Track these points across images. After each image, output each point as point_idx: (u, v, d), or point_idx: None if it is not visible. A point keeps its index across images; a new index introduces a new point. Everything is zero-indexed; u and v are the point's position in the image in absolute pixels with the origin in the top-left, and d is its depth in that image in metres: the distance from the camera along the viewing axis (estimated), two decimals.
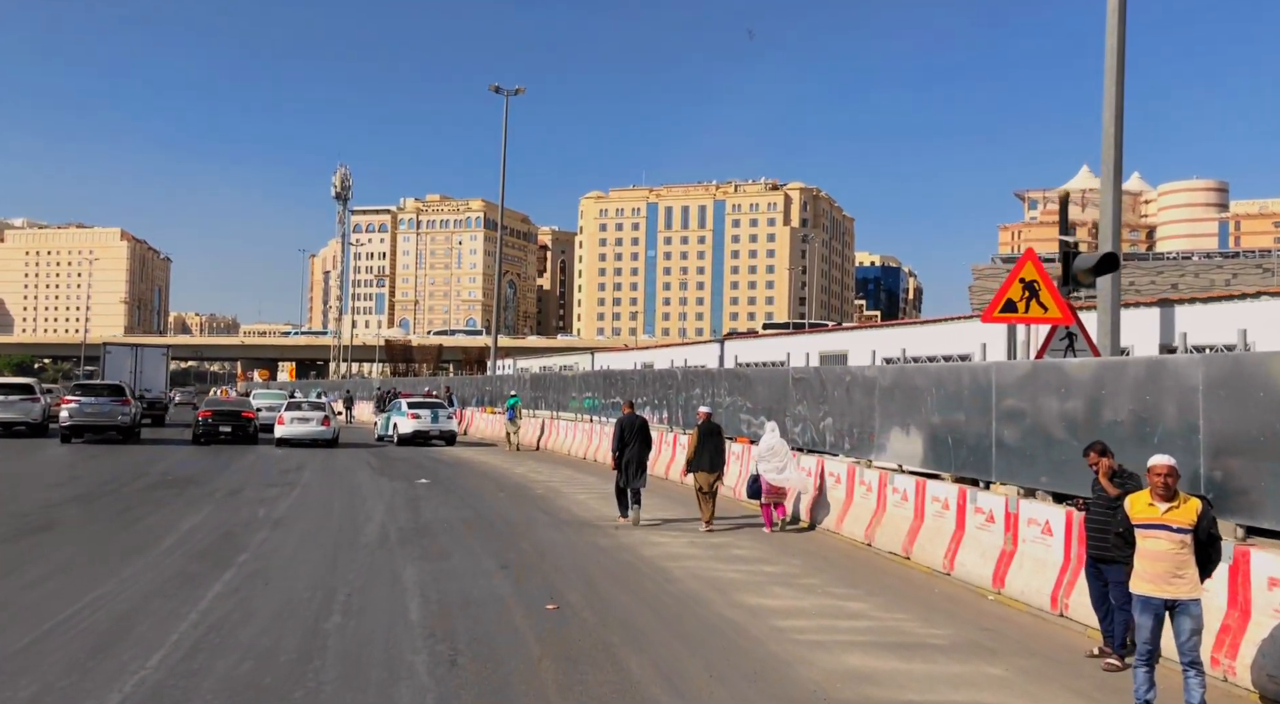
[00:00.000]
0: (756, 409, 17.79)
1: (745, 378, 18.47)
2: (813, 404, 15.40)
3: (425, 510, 15.88)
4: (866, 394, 13.56)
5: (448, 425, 33.16)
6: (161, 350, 44.31)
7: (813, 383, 15.39)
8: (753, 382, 17.99)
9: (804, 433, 15.79)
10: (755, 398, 17.88)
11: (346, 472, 22.42)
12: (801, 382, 15.79)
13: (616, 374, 26.90)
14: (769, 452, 14.72)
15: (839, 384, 14.48)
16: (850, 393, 14.11)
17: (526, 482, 20.75)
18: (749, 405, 18.16)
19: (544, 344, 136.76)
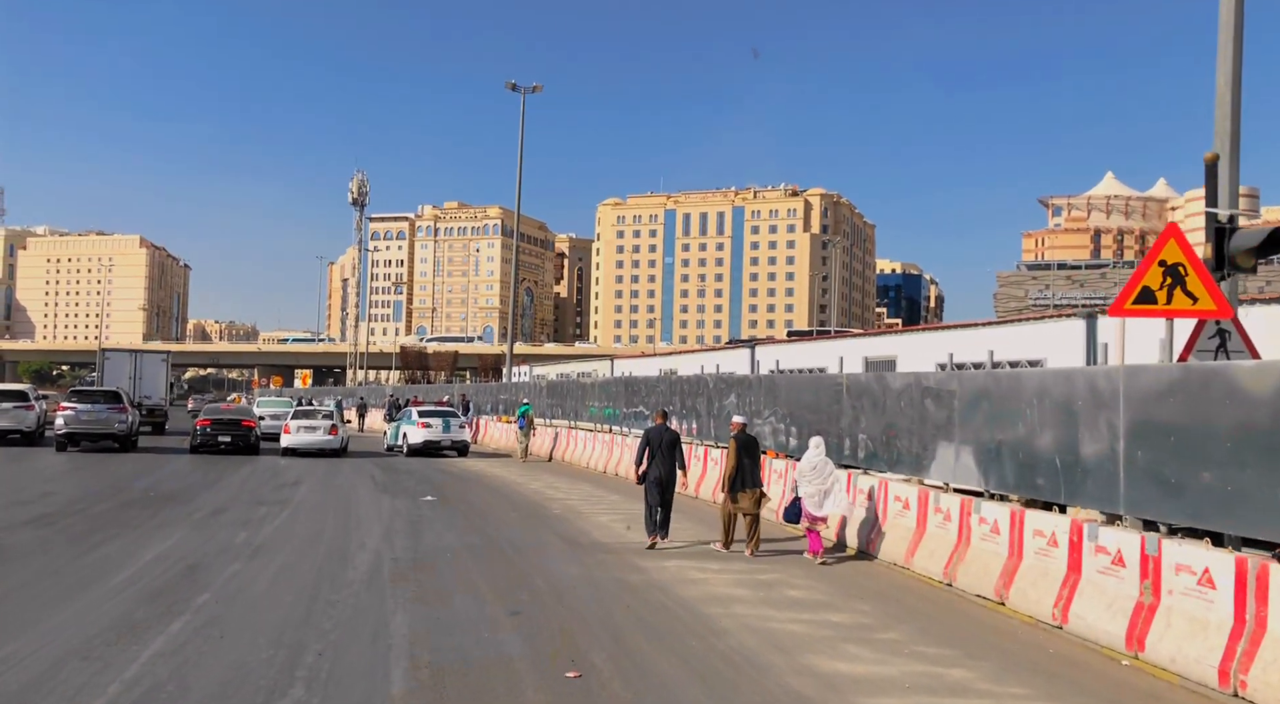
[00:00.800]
0: (798, 421, 15.81)
1: (787, 386, 16.50)
2: (870, 416, 13.42)
3: (427, 535, 13.97)
4: (941, 405, 11.58)
5: (460, 435, 31.31)
6: (161, 356, 42.78)
7: (871, 391, 13.40)
8: (796, 389, 16.00)
9: (858, 448, 13.80)
10: (799, 408, 15.90)
11: (347, 487, 20.56)
12: (857, 389, 13.80)
13: (639, 381, 24.95)
14: (812, 471, 12.86)
15: (904, 393, 12.49)
16: (919, 403, 12.13)
17: (542, 499, 18.82)
18: (789, 416, 16.17)
19: (561, 351, 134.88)
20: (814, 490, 12.84)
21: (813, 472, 12.94)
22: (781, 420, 16.33)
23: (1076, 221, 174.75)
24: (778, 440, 16.64)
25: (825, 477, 12.93)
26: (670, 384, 21.89)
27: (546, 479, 23.24)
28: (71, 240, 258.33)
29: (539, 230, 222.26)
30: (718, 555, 12.90)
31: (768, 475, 16.18)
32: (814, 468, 12.97)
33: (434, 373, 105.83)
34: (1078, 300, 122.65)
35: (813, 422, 15.23)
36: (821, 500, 12.83)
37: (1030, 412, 9.66)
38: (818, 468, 12.95)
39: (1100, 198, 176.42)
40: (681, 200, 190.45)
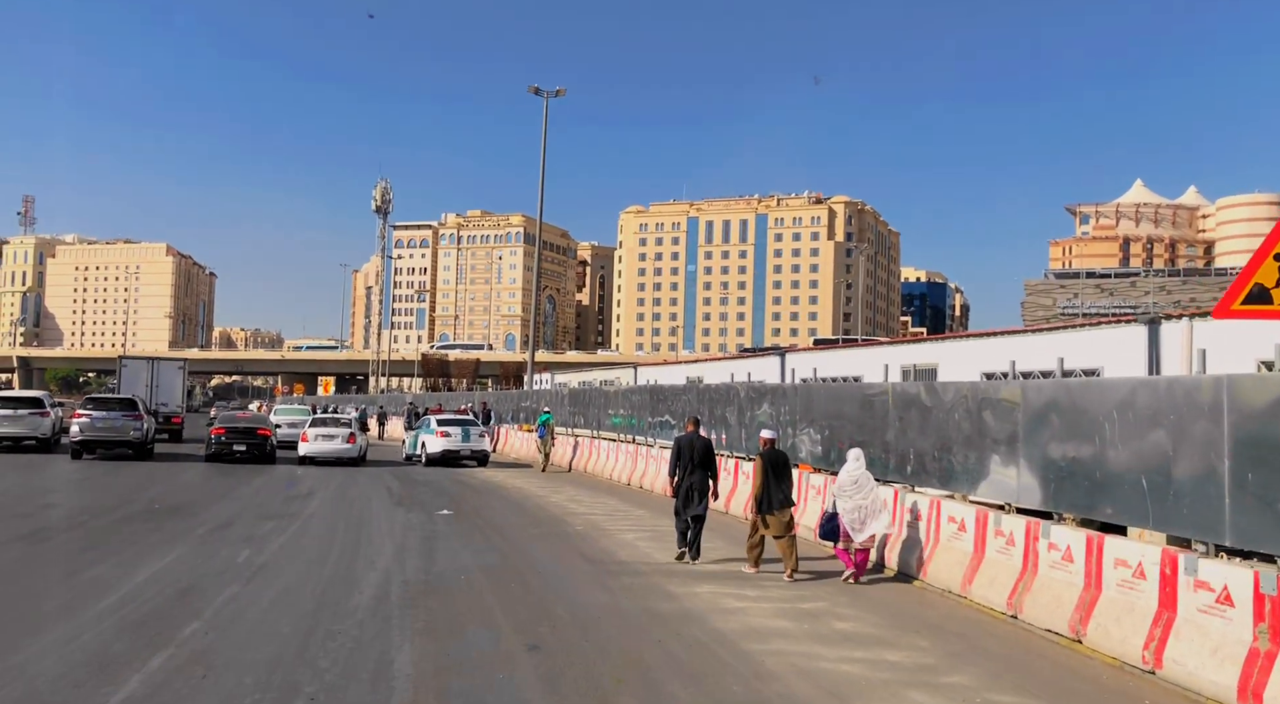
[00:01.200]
0: (837, 433, 14.80)
1: (825, 395, 15.48)
2: (918, 428, 12.41)
3: (441, 554, 13.06)
4: (1001, 417, 10.55)
5: (479, 445, 30.46)
6: (178, 364, 42.39)
7: (920, 402, 12.38)
8: (835, 399, 14.98)
9: (905, 463, 12.78)
10: (838, 419, 14.89)
11: (361, 499, 19.71)
12: (904, 400, 12.78)
13: (665, 390, 23.97)
14: (852, 486, 11.90)
15: (958, 404, 11.46)
16: (975, 415, 11.10)
17: (564, 514, 17.88)
18: (828, 428, 15.16)
19: (583, 359, 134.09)
20: (853, 507, 11.89)
21: (853, 487, 11.98)
22: (819, 432, 15.32)
23: (1105, 230, 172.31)
24: (814, 454, 15.63)
25: (865, 492, 11.97)
26: (698, 392, 20.91)
27: (568, 492, 22.31)
28: (99, 249, 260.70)
29: (561, 238, 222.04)
30: (751, 579, 11.92)
31: (804, 491, 15.21)
32: (854, 482, 12.01)
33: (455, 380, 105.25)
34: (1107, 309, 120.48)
35: (853, 434, 14.22)
36: (862, 518, 11.85)
37: (1110, 425, 8.63)
38: (859, 482, 12.00)
39: (1129, 205, 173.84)
40: (704, 208, 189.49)
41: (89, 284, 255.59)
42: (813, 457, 15.66)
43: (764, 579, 11.84)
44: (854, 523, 11.87)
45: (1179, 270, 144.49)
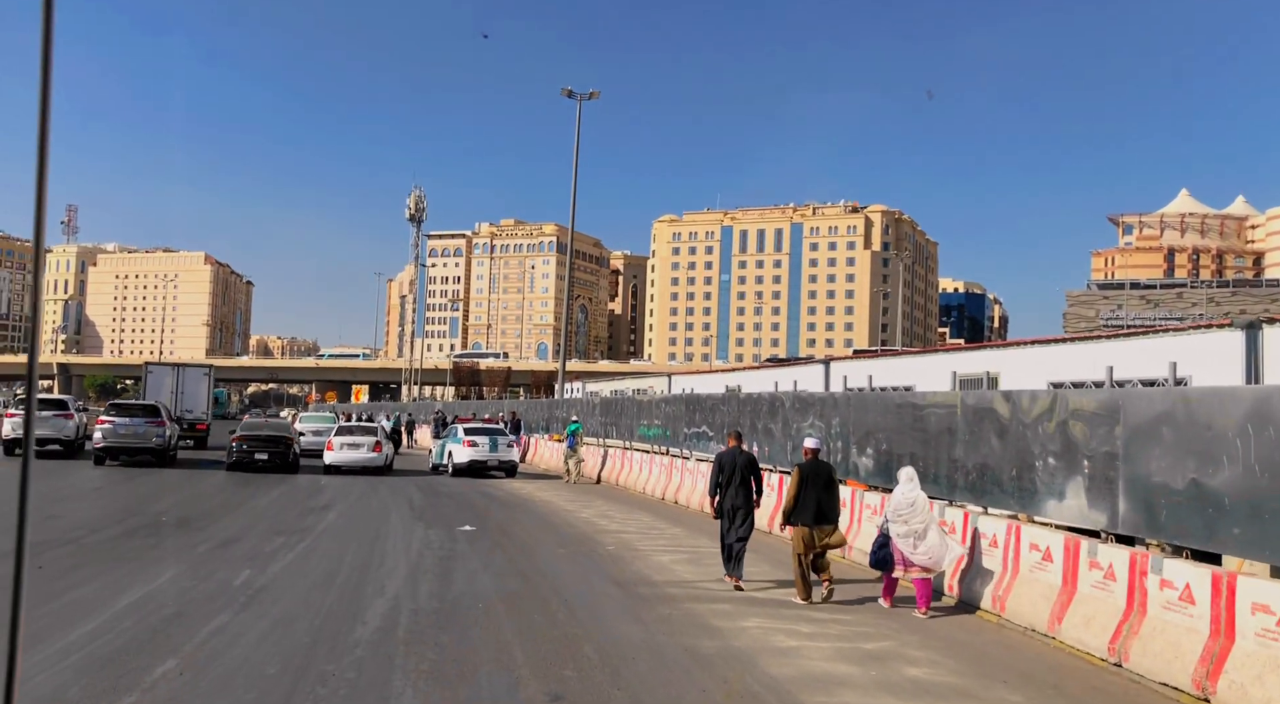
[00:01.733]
0: (896, 448, 13.46)
1: (880, 406, 14.13)
2: (992, 443, 11.06)
3: (459, 577, 11.87)
4: (1096, 431, 9.19)
5: (508, 455, 29.35)
6: (204, 370, 41.97)
7: (994, 414, 11.03)
8: (892, 410, 13.63)
9: (974, 482, 11.43)
10: (896, 433, 13.55)
11: (380, 512, 18.61)
12: (976, 411, 11.43)
13: (702, 399, 22.70)
14: (907, 509, 10.70)
15: (1042, 416, 10.10)
16: (1062, 428, 9.75)
17: (593, 532, 16.65)
18: (886, 441, 13.82)
19: (616, 368, 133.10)
20: (907, 532, 10.70)
21: (908, 510, 10.79)
22: (875, 447, 13.98)
23: (1149, 240, 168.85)
24: (867, 469, 14.30)
25: (921, 515, 10.77)
26: (739, 402, 19.62)
27: (599, 506, 21.09)
28: (139, 257, 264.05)
29: (594, 248, 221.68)
30: (802, 611, 10.62)
31: (858, 511, 13.90)
32: (910, 505, 10.80)
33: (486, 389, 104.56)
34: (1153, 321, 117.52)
35: (915, 449, 12.89)
36: (917, 544, 10.62)
37: (1242, 442, 7.26)
38: (915, 505, 10.78)
39: (1174, 215, 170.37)
40: (738, 217, 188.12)
41: (128, 292, 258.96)
42: (866, 473, 14.34)
43: (816, 611, 10.54)
44: (908, 550, 10.67)
45: (1228, 281, 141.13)
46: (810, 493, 11.17)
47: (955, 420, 11.79)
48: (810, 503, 11.16)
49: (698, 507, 20.05)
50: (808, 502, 11.16)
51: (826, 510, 11.31)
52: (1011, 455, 10.68)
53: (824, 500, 11.27)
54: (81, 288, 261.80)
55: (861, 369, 23.14)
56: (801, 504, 11.18)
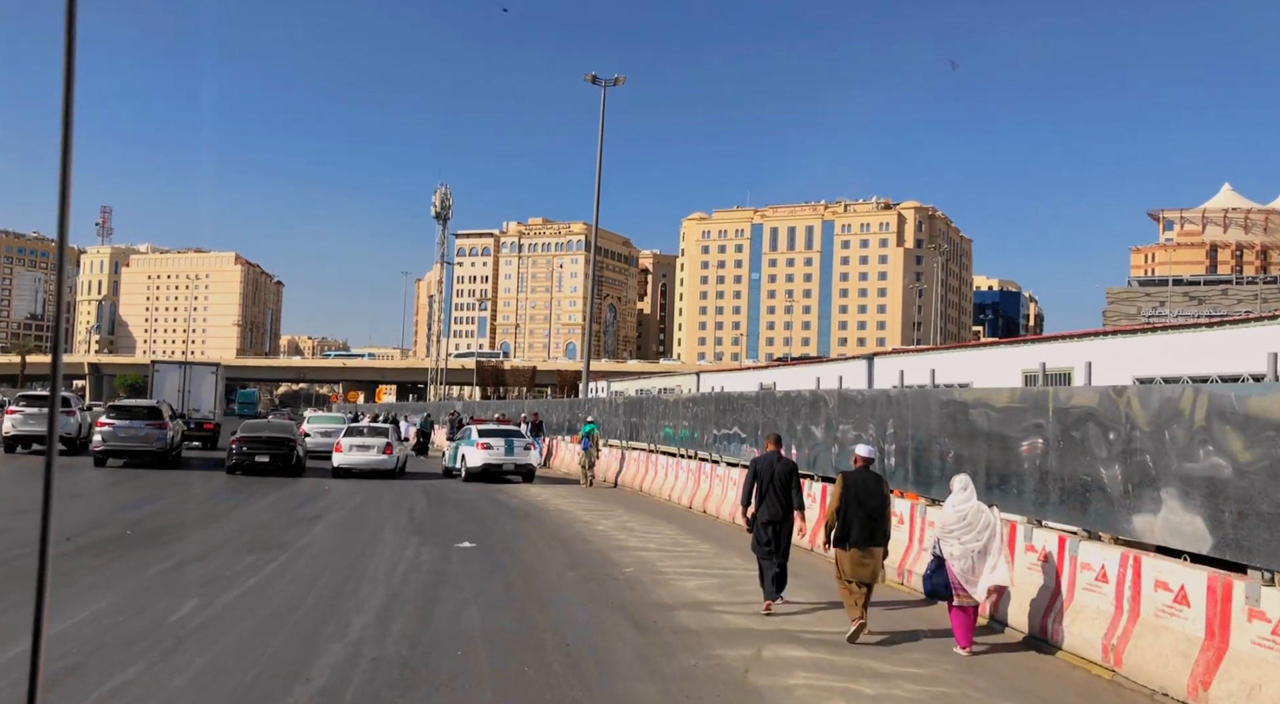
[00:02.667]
0: (967, 454, 11.36)
1: (942, 407, 11.99)
2: (1095, 451, 8.94)
3: (443, 611, 9.91)
4: (1251, 439, 7.05)
5: (525, 458, 27.44)
6: (211, 368, 40.99)
7: (1098, 415, 8.90)
8: (962, 412, 11.47)
9: (1071, 498, 9.32)
10: (960, 438, 11.44)
11: (375, 524, 16.73)
12: (1073, 412, 9.29)
13: (734, 398, 20.59)
14: (960, 525, 8.88)
15: (1170, 419, 7.97)
16: (1194, 435, 7.62)
17: (610, 548, 14.65)
18: (952, 448, 11.72)
19: (644, 368, 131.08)
20: (962, 552, 8.83)
21: (961, 526, 8.91)
22: (938, 453, 11.87)
23: (1190, 236, 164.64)
24: (926, 480, 12.20)
25: (978, 531, 8.85)
26: (775, 402, 17.52)
27: (619, 516, 19.10)
28: (171, 258, 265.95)
29: (623, 246, 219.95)
30: (858, 655, 8.57)
31: (914, 528, 11.82)
32: (962, 520, 8.91)
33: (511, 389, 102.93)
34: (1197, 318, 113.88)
35: (992, 457, 10.80)
36: (974, 565, 8.79)
37: None
38: (968, 519, 8.90)
39: (1216, 211, 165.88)
40: (769, 215, 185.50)
41: (160, 293, 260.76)
42: (922, 484, 12.24)
43: (878, 659, 8.48)
44: (965, 573, 8.83)
45: (1275, 278, 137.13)
46: (857, 508, 9.41)
47: (1043, 423, 9.67)
48: (857, 520, 9.38)
49: (728, 517, 18.03)
50: (853, 518, 9.39)
51: (876, 530, 9.45)
52: (1123, 467, 8.56)
53: (874, 517, 9.43)
54: (115, 289, 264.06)
55: (909, 365, 20.99)
56: (846, 521, 9.41)
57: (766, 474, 10.55)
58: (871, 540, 9.37)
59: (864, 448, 10.09)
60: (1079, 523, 9.24)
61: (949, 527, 9.05)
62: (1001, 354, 18.49)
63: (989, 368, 18.08)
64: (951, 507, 9.15)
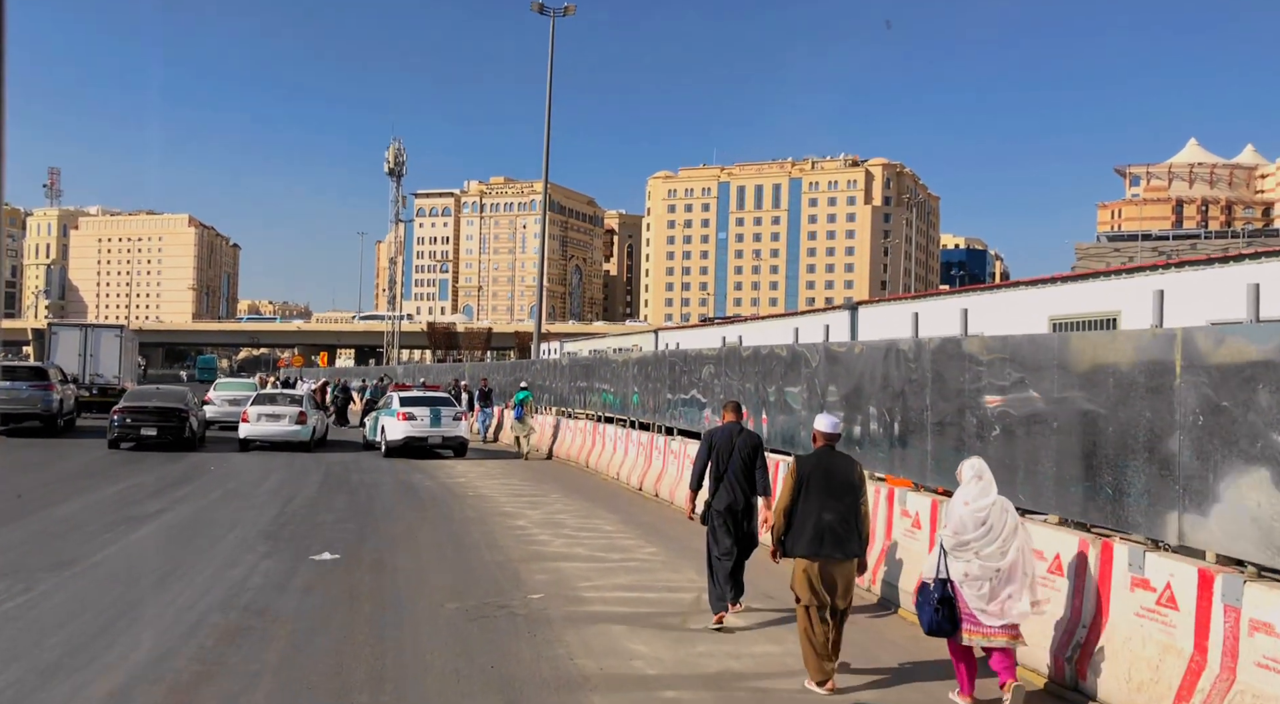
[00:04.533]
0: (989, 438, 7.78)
1: (960, 366, 8.29)
2: (1206, 424, 5.38)
3: (214, 689, 6.19)
4: None
5: (454, 431, 23.68)
6: (116, 331, 37.64)
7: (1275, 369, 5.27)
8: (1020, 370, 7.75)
9: (1208, 506, 5.74)
10: (1037, 419, 7.81)
11: (225, 523, 12.89)
12: (1226, 367, 5.66)
13: (690, 357, 16.83)
14: (979, 530, 6.21)
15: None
16: None
17: (525, 555, 10.94)
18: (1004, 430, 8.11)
19: (610, 330, 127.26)
20: (983, 572, 6.21)
21: (981, 533, 6.24)
22: (975, 435, 8.23)
23: (1157, 191, 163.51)
24: (939, 464, 8.62)
25: (1004, 539, 6.21)
26: (741, 361, 13.81)
27: (552, 503, 15.45)
28: (121, 220, 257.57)
29: (587, 206, 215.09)
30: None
31: (893, 522, 8.39)
32: (983, 525, 6.24)
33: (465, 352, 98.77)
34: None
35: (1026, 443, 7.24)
36: (996, 590, 6.19)
37: None
38: (989, 522, 6.24)
39: (1182, 166, 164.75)
40: (735, 173, 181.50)
41: (111, 256, 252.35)
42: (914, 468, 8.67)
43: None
44: (981, 598, 6.22)
45: (1240, 231, 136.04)
46: (820, 504, 6.74)
47: (1174, 383, 6.07)
48: (812, 518, 6.73)
49: (685, 504, 14.47)
50: (815, 517, 6.73)
51: (842, 532, 6.75)
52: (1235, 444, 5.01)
53: (846, 516, 6.77)
54: (64, 253, 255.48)
55: (896, 316, 17.43)
56: (799, 521, 6.80)
57: (725, 451, 8.30)
58: (840, 547, 6.71)
59: (826, 420, 7.24)
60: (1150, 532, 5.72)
61: (963, 534, 6.27)
62: (1020, 298, 14.96)
63: (1002, 315, 14.50)
64: (963, 504, 6.32)
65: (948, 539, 6.35)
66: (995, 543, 6.15)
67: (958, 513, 6.31)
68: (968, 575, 6.21)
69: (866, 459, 9.53)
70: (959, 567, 6.26)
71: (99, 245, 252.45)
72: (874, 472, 9.66)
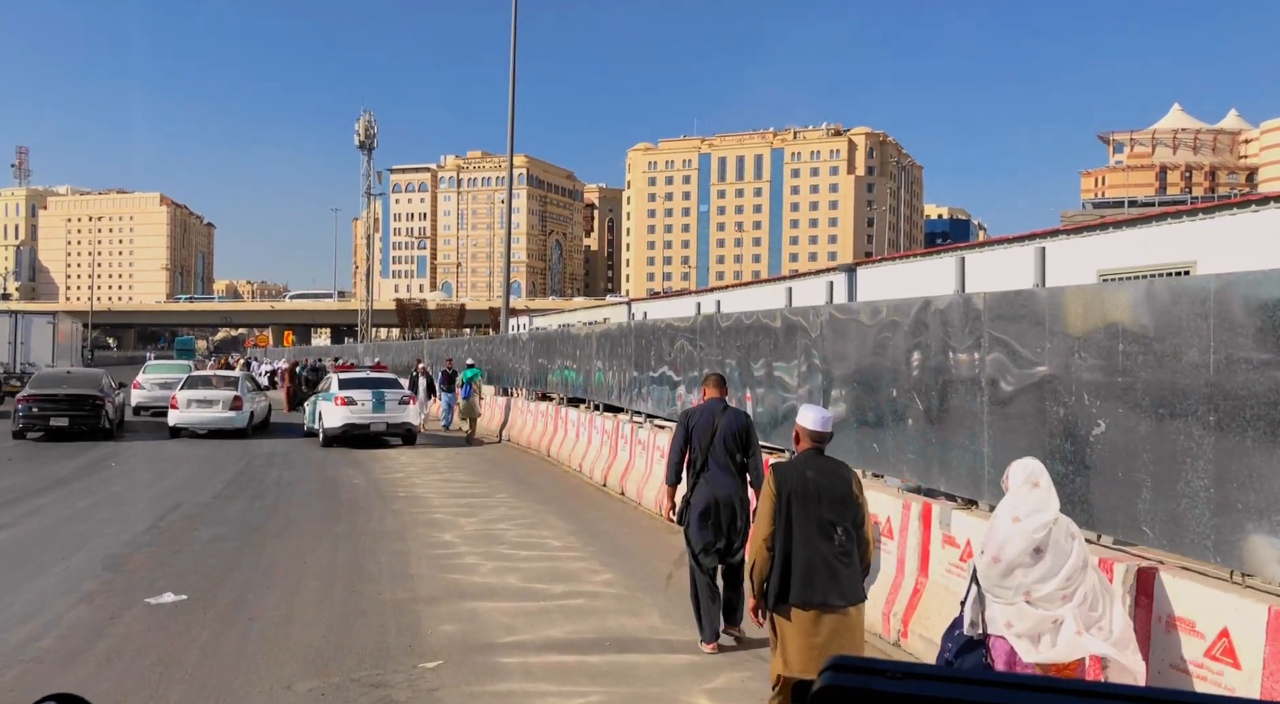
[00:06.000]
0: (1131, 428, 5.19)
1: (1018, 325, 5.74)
2: None
3: None
4: None
5: (400, 416, 20.98)
6: (47, 317, 36.01)
7: None
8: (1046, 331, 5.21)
9: None
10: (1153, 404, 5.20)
11: (78, 539, 10.18)
12: None
13: (662, 329, 14.10)
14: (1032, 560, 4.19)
15: None
16: None
17: (436, 591, 8.29)
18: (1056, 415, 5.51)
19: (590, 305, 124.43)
20: (1037, 620, 4.18)
21: (1034, 563, 4.24)
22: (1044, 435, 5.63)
23: (1140, 158, 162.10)
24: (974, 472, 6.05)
25: (1064, 576, 4.21)
26: (721, 333, 11.10)
27: (496, 507, 12.82)
28: (92, 199, 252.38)
29: (566, 180, 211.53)
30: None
31: (930, 553, 5.81)
32: (1038, 553, 4.25)
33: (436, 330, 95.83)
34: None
35: (1156, 443, 4.65)
36: (1049, 636, 4.18)
37: None
38: (1045, 549, 4.26)
39: (1166, 132, 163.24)
40: (717, 144, 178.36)
41: (81, 236, 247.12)
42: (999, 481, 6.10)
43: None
44: (1028, 649, 4.23)
45: (1226, 197, 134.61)
46: (801, 527, 4.83)
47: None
48: (801, 549, 4.80)
49: (653, 506, 11.92)
50: (793, 547, 4.81)
51: (841, 568, 4.78)
52: None
53: (834, 545, 4.81)
54: (33, 233, 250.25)
55: (907, 276, 14.84)
56: (780, 556, 4.86)
57: (705, 434, 6.70)
58: (840, 590, 4.76)
59: (813, 414, 5.19)
60: None
61: (1010, 563, 4.29)
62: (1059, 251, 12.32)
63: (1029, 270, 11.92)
64: (1011, 521, 4.37)
65: (985, 571, 4.30)
66: (1055, 580, 4.17)
67: (1002, 533, 4.35)
68: (1012, 626, 4.21)
69: (890, 462, 6.95)
70: (1001, 613, 4.26)
71: (68, 225, 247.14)
72: (902, 478, 7.09)
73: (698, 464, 6.72)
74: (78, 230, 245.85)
